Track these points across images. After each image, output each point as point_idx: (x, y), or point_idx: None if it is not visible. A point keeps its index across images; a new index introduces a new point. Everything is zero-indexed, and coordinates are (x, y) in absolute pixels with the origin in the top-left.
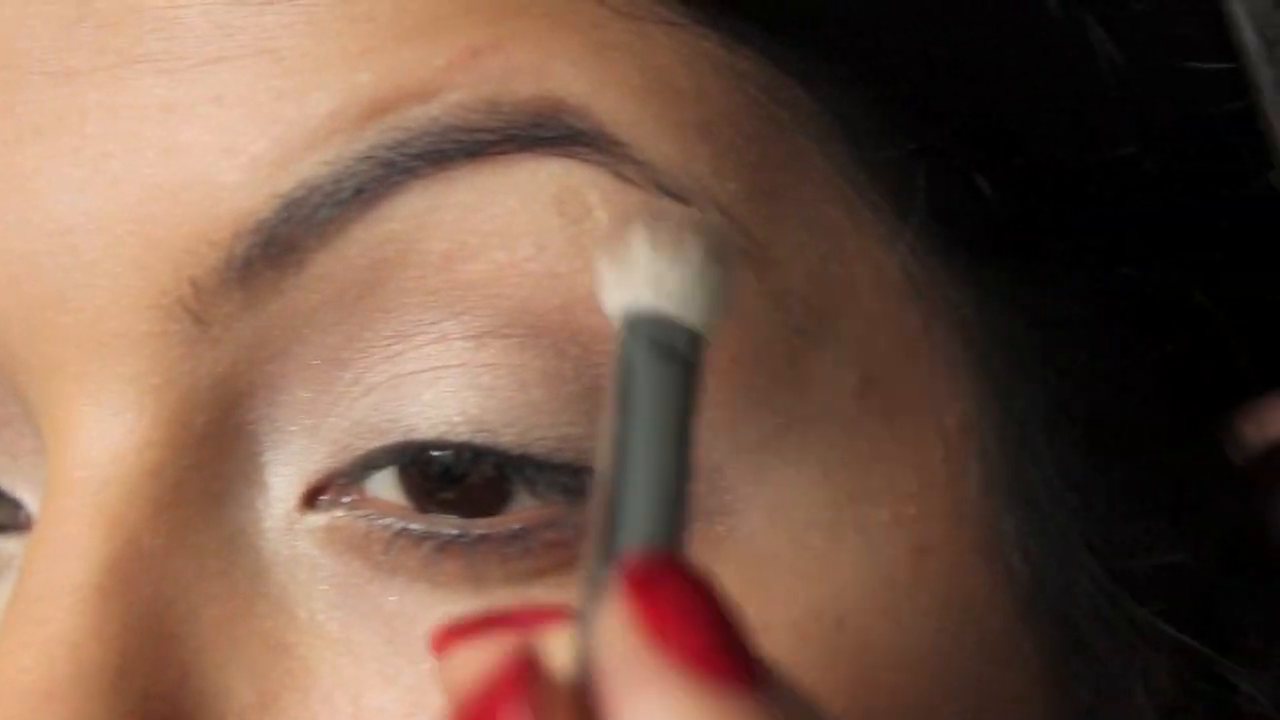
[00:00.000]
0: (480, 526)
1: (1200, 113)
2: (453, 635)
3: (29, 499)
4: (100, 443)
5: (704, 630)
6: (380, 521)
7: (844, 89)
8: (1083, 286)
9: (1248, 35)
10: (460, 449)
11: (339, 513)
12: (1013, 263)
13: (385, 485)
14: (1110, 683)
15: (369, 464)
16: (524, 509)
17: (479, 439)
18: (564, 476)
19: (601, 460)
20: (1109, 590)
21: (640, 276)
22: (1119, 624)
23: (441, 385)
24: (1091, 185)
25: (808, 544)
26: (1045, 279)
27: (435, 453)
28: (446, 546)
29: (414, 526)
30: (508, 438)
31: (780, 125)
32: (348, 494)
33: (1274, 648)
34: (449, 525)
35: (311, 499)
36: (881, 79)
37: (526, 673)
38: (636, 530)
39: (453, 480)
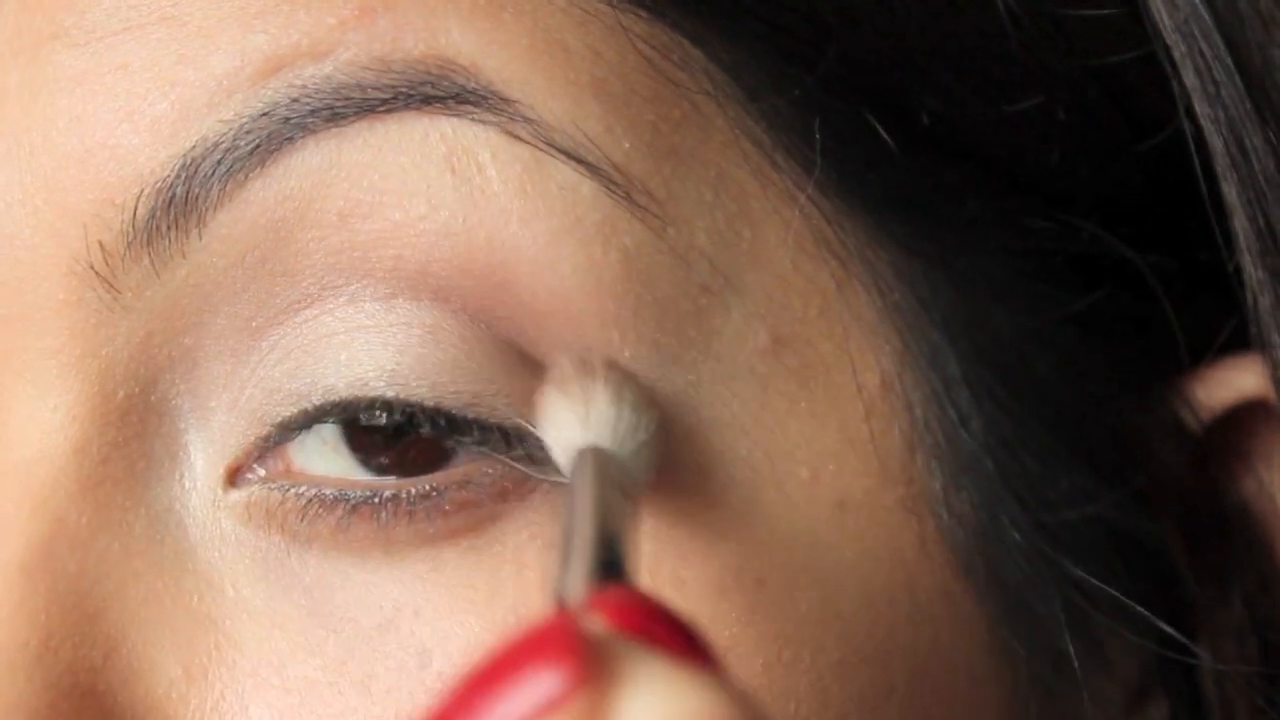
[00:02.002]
0: (390, 487)
1: (1104, 61)
2: None
3: None
4: (29, 421)
5: (664, 624)
6: (294, 490)
7: (737, 48)
8: (1002, 242)
9: None
10: (375, 403)
11: (258, 488)
12: (929, 221)
13: (313, 453)
14: (1052, 644)
15: (289, 425)
16: (440, 470)
17: (392, 392)
18: (477, 430)
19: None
20: (1042, 547)
21: (586, 414)
22: (1058, 583)
23: (356, 345)
24: (1001, 139)
25: (724, 501)
26: (964, 236)
27: (357, 412)
28: (357, 509)
29: (326, 491)
30: (422, 389)
31: (679, 86)
32: (267, 464)
33: (1232, 612)
34: (360, 488)
35: (234, 476)
36: (773, 37)
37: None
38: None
39: (383, 437)
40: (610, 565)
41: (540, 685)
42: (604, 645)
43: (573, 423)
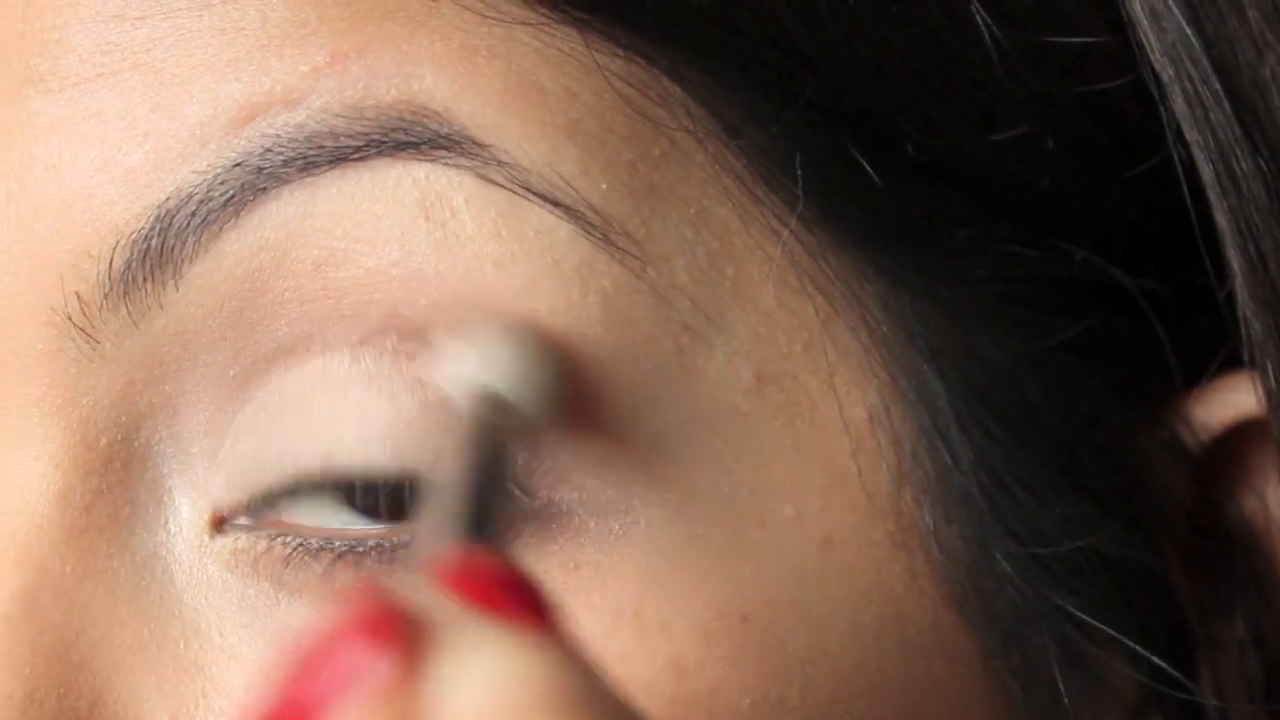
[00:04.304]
0: (373, 537)
1: (1092, 88)
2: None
3: None
4: (10, 470)
5: (510, 589)
6: (280, 539)
7: (716, 83)
8: (991, 271)
9: (1136, 7)
10: (345, 475)
11: (244, 535)
12: (916, 251)
13: (298, 506)
14: (1046, 675)
15: (267, 499)
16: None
17: (362, 461)
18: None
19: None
20: (1034, 579)
21: (480, 356)
22: (1051, 615)
23: (325, 405)
24: (988, 167)
25: (708, 541)
26: (952, 265)
27: (326, 482)
28: (342, 557)
29: (312, 541)
30: (384, 457)
31: (657, 123)
32: (253, 513)
33: (1234, 630)
34: (344, 538)
35: (219, 523)
36: (751, 71)
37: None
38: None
39: (350, 500)
40: (479, 523)
41: (349, 659)
42: (429, 614)
43: (471, 360)
